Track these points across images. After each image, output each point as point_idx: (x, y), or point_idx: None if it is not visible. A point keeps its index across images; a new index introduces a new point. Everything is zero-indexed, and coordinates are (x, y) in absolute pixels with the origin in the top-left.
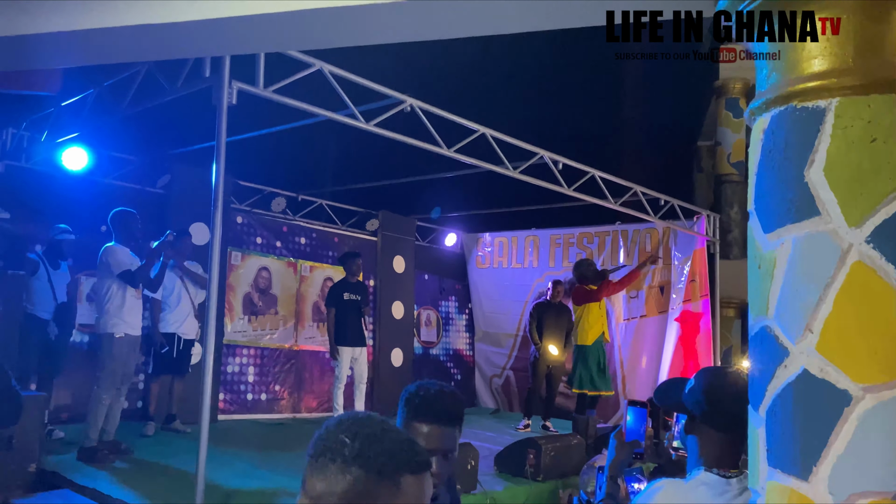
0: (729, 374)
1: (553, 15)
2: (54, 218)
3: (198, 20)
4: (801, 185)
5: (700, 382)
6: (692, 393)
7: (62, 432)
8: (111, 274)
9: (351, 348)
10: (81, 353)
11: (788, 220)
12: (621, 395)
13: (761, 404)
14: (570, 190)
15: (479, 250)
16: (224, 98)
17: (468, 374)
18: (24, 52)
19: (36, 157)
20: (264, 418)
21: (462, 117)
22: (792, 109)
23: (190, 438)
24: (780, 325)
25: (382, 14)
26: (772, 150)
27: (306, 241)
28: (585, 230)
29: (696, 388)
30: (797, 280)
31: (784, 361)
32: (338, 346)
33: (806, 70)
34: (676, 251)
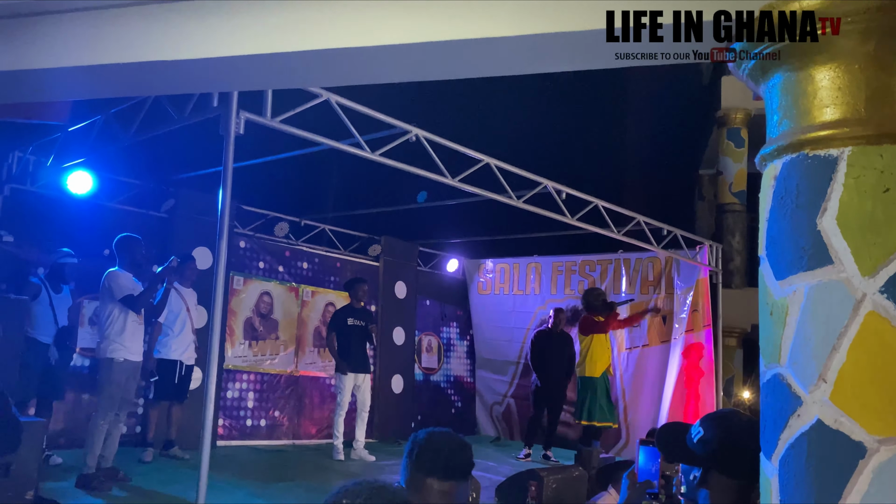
0: (739, 418)
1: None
2: (58, 241)
3: (211, 58)
4: (813, 233)
5: (714, 432)
6: (705, 444)
7: (60, 458)
8: (113, 299)
9: (354, 374)
10: (81, 378)
11: (801, 267)
12: (623, 424)
13: (774, 453)
14: (573, 219)
15: (480, 276)
16: (232, 128)
17: (469, 402)
18: (36, 86)
19: (41, 180)
20: (264, 444)
21: (466, 147)
22: (804, 157)
23: (188, 465)
24: (793, 374)
25: (393, 55)
26: (784, 197)
27: (308, 265)
28: (588, 258)
29: (710, 438)
30: (810, 329)
31: (797, 411)
32: (338, 373)
33: (818, 118)
34: (679, 280)
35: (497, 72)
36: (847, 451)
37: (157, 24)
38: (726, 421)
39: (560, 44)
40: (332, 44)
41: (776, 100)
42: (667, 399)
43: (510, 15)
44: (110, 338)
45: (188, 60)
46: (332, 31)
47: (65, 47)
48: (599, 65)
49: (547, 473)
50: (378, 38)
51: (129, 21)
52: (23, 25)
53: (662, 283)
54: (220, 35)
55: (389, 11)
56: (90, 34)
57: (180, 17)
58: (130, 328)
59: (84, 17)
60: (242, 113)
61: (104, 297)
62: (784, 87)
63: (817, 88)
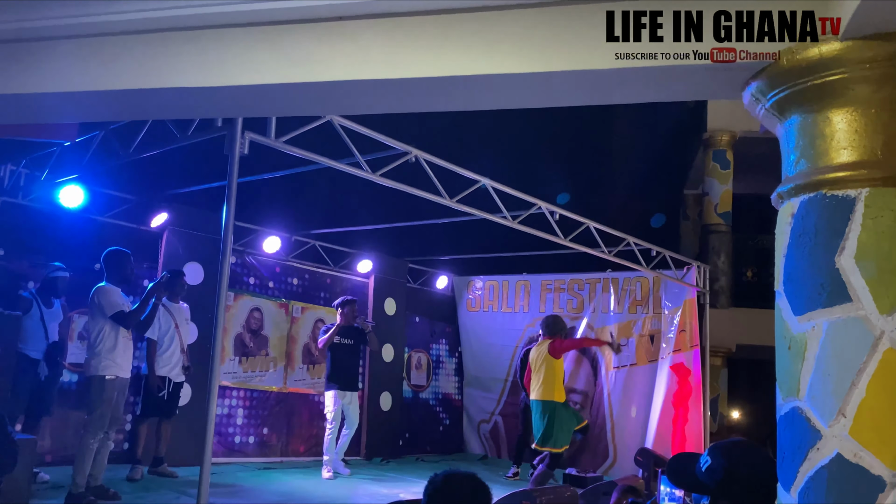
0: (747, 448)
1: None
2: (48, 255)
3: (220, 86)
4: (831, 271)
5: (721, 461)
6: (713, 473)
7: (47, 475)
8: (104, 315)
9: (342, 392)
10: (69, 393)
11: (819, 304)
12: (611, 444)
13: (793, 485)
14: (566, 240)
15: (469, 293)
16: (237, 149)
17: (456, 419)
18: (42, 109)
19: (33, 193)
20: (252, 461)
21: (461, 167)
22: (821, 197)
23: (178, 483)
24: (812, 408)
25: (402, 88)
26: (802, 235)
27: (299, 281)
28: (576, 277)
29: (717, 467)
30: (829, 364)
31: (817, 444)
32: (328, 392)
33: (835, 159)
34: (666, 300)
35: (504, 105)
36: (867, 485)
37: (166, 50)
38: (734, 451)
39: (570, 81)
40: (342, 76)
41: (793, 140)
42: (654, 418)
43: (519, 53)
44: (101, 354)
45: (200, 88)
46: (342, 63)
47: (66, 72)
48: (606, 101)
49: (539, 494)
50: (385, 71)
51: (134, 47)
52: (27, 50)
53: (650, 302)
54: (230, 64)
55: (394, 47)
56: (95, 60)
57: (192, 45)
58: (121, 344)
59: (88, 43)
60: (247, 133)
61: (94, 313)
62: (801, 128)
63: (835, 131)
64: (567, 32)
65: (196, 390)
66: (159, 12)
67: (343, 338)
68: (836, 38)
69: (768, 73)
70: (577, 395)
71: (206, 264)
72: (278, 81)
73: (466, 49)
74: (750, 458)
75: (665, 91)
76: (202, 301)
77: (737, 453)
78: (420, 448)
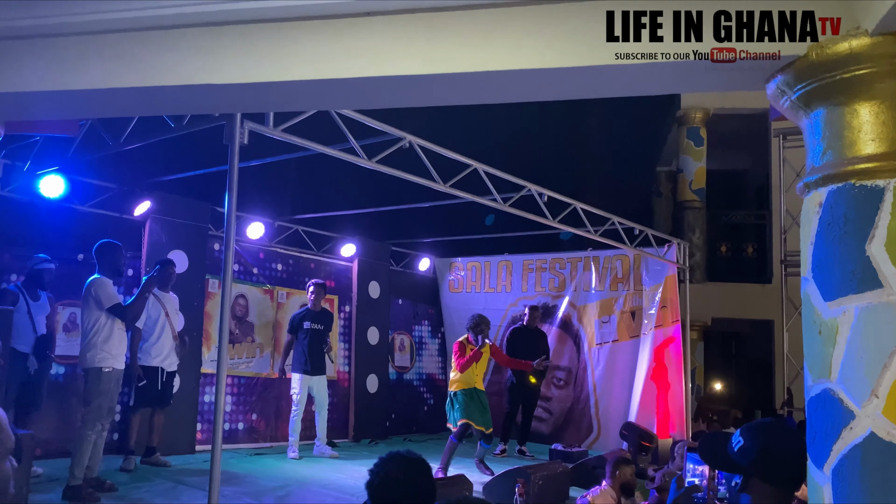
0: (778, 428)
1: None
2: (30, 247)
3: (225, 84)
4: (862, 258)
5: (753, 442)
6: (745, 452)
7: (40, 468)
8: (100, 307)
9: (309, 377)
10: (58, 386)
11: (851, 290)
12: (595, 418)
13: (826, 462)
14: (555, 221)
15: (451, 275)
16: (237, 139)
17: (441, 399)
18: (43, 108)
19: (12, 184)
20: (242, 448)
21: (453, 152)
22: (850, 187)
23: (172, 472)
24: (844, 389)
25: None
26: (831, 223)
27: (283, 267)
28: (558, 256)
29: (749, 447)
30: (861, 347)
31: (850, 424)
32: (294, 374)
33: (863, 150)
34: (647, 277)
35: (505, 100)
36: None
37: (168, 47)
38: (766, 431)
39: (570, 77)
40: (344, 73)
41: (819, 131)
42: (637, 393)
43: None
44: (97, 346)
45: (202, 85)
46: (347, 60)
47: (64, 71)
48: (608, 95)
49: (533, 471)
50: (387, 68)
51: (134, 45)
52: (23, 49)
53: (631, 279)
54: (231, 61)
55: (394, 44)
56: (94, 58)
57: (193, 42)
58: (116, 336)
59: (86, 41)
60: (247, 123)
61: (88, 306)
62: (828, 120)
63: (862, 123)
64: (568, 29)
65: (184, 379)
66: (159, 10)
67: (314, 322)
68: (866, 34)
69: (796, 66)
70: (561, 371)
71: (190, 252)
72: (280, 79)
73: (466, 46)
74: (782, 437)
75: (667, 84)
76: (187, 289)
77: (769, 434)
78: (407, 428)
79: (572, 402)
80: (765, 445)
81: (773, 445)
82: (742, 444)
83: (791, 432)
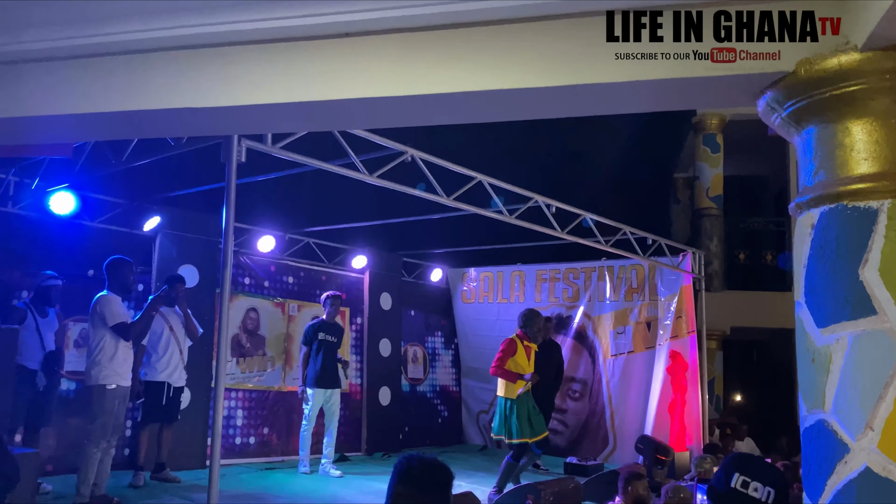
0: (753, 462)
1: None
2: (41, 263)
3: (223, 107)
4: (855, 283)
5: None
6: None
7: (49, 485)
8: (105, 325)
9: (324, 390)
10: (68, 402)
11: (844, 316)
12: (610, 431)
13: (820, 498)
14: (563, 233)
15: (464, 285)
16: (234, 157)
17: (455, 411)
18: (39, 132)
19: (22, 201)
20: (254, 462)
21: (457, 164)
22: (843, 208)
23: (182, 488)
24: (838, 421)
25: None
26: (823, 247)
27: (294, 280)
28: (571, 266)
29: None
30: (855, 377)
31: (845, 457)
32: (309, 388)
33: (856, 170)
34: (662, 287)
35: (509, 118)
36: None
37: (164, 70)
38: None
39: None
40: (347, 94)
41: (811, 150)
42: (653, 405)
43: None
44: (101, 364)
45: (200, 108)
46: (346, 81)
47: (61, 95)
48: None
49: (544, 487)
50: (391, 88)
51: (131, 67)
52: (21, 73)
53: (646, 289)
54: (230, 83)
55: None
56: (91, 81)
57: (190, 64)
58: (122, 353)
59: (83, 65)
60: (244, 141)
61: (95, 323)
62: (819, 138)
63: (854, 141)
64: (570, 46)
65: (194, 394)
66: (156, 32)
67: (328, 334)
68: (856, 49)
69: (785, 83)
70: (576, 383)
71: (201, 267)
72: (279, 101)
73: (470, 64)
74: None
75: (670, 101)
76: (198, 303)
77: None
78: (420, 441)
79: (588, 415)
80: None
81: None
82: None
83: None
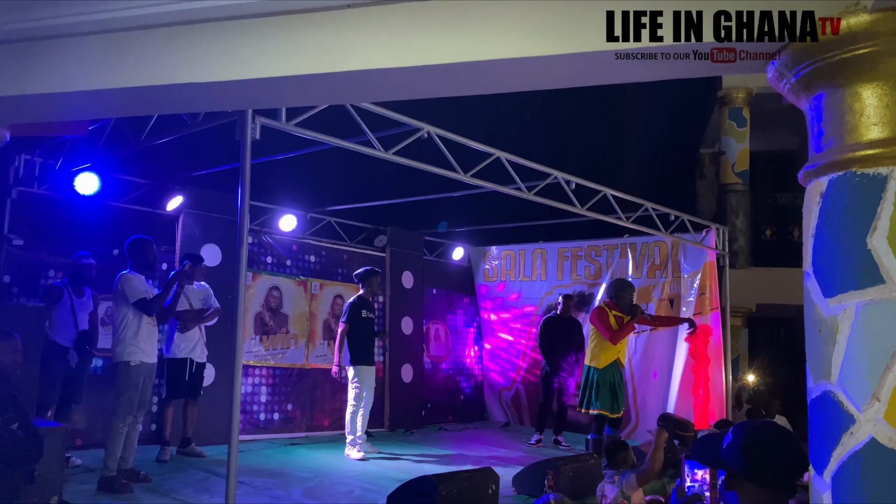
0: (767, 427)
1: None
2: (67, 243)
3: (234, 80)
4: (863, 252)
5: (738, 438)
6: (731, 448)
7: (79, 459)
8: (126, 302)
9: (370, 367)
10: (97, 378)
11: (851, 286)
12: (632, 408)
13: (826, 469)
14: (583, 209)
15: (486, 263)
16: (248, 134)
17: (477, 388)
18: (54, 109)
19: (48, 182)
20: (278, 437)
21: (475, 141)
22: (851, 175)
23: (207, 462)
24: (844, 392)
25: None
26: (831, 215)
27: (316, 259)
28: (593, 243)
29: (735, 443)
30: (862, 347)
31: (850, 428)
32: (357, 366)
33: (865, 136)
34: (685, 264)
35: (513, 89)
36: None
37: (175, 45)
38: (754, 430)
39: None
40: (353, 66)
41: (820, 116)
42: (675, 382)
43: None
44: (125, 341)
45: (211, 83)
46: (352, 52)
47: (75, 72)
48: (606, 81)
49: (563, 462)
50: (397, 59)
51: (142, 43)
52: (35, 50)
53: (669, 266)
54: (239, 57)
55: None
56: (110, 57)
57: (201, 39)
58: (145, 330)
59: (96, 41)
60: (258, 118)
61: (117, 301)
62: (829, 103)
63: (864, 106)
64: (571, 17)
65: (219, 370)
66: (166, 6)
67: (369, 311)
68: (865, 10)
69: (794, 46)
70: None
71: (224, 246)
72: (290, 73)
73: (474, 34)
74: (769, 436)
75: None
76: (221, 282)
77: (756, 432)
78: (442, 417)
79: None
80: (749, 442)
81: (757, 443)
82: (729, 440)
83: (782, 433)
